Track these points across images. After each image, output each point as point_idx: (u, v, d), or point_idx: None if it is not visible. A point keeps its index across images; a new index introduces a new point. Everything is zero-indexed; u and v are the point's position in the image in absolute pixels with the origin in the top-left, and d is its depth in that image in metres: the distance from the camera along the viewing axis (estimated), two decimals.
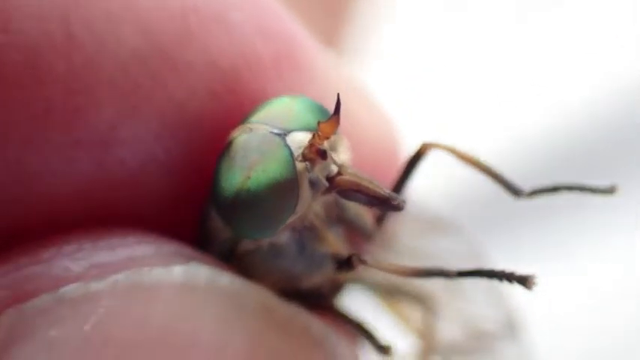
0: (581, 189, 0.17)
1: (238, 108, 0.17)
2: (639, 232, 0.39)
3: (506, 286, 0.16)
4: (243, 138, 0.16)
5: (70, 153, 0.16)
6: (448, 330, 0.22)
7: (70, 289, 0.15)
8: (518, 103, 0.43)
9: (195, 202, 0.17)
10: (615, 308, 0.37)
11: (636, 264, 0.38)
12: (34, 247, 0.16)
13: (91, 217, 0.17)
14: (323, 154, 0.16)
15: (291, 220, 0.16)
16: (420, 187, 0.20)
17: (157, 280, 0.15)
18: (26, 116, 0.16)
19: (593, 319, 0.37)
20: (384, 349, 0.17)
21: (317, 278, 0.17)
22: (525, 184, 0.18)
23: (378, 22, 0.46)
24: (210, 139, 0.17)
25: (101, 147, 0.16)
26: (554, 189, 0.17)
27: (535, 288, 0.16)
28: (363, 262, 0.17)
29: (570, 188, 0.17)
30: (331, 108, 0.16)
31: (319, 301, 0.18)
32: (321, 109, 0.17)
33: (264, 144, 0.16)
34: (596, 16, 0.44)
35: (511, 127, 0.42)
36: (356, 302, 0.20)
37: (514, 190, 0.18)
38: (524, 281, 0.16)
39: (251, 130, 0.16)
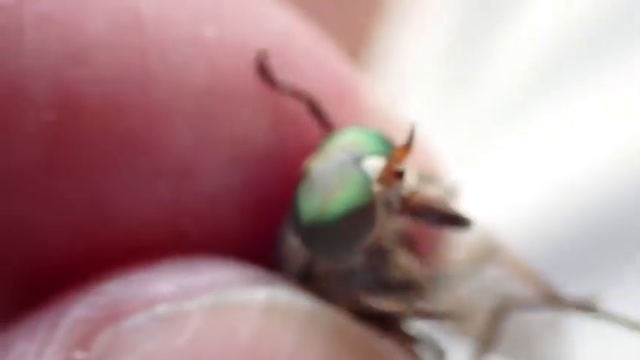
0: None
1: (301, 140, 0.19)
2: None
3: None
4: (320, 165, 0.17)
5: (152, 182, 0.17)
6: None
7: (163, 309, 0.16)
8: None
9: (269, 229, 0.18)
10: None
11: None
12: (125, 271, 0.17)
13: (171, 245, 0.18)
14: (399, 175, 0.17)
15: (367, 241, 0.17)
16: None
17: (242, 301, 0.16)
18: (110, 147, 0.17)
19: None
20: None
21: (389, 300, 0.18)
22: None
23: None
24: (277, 168, 0.18)
25: (180, 176, 0.17)
26: None
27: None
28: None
29: None
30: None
31: (389, 321, 0.18)
32: (388, 139, 0.18)
33: (341, 170, 0.17)
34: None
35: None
36: None
37: None
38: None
39: (327, 157, 0.17)
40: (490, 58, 0.43)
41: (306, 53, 0.19)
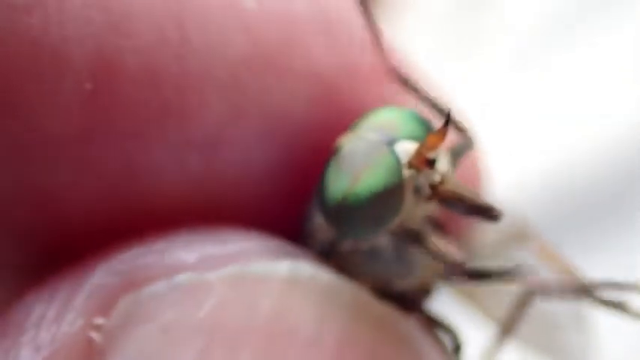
0: None
1: (337, 115, 0.18)
2: None
3: None
4: (352, 144, 0.17)
5: (182, 152, 0.17)
6: None
7: (185, 278, 0.16)
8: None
9: (295, 203, 0.18)
10: None
11: None
12: (148, 238, 0.17)
13: (197, 214, 0.18)
14: (430, 164, 0.17)
15: (393, 224, 0.17)
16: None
17: (264, 273, 0.16)
18: (143, 116, 0.17)
19: None
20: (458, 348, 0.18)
21: (411, 282, 0.18)
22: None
23: None
24: (309, 142, 0.18)
25: (209, 147, 0.17)
26: None
27: None
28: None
29: None
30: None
31: (410, 303, 0.18)
32: (425, 121, 0.18)
33: (372, 151, 0.17)
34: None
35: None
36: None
37: None
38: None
39: (359, 137, 0.17)
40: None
41: (346, 28, 0.19)
